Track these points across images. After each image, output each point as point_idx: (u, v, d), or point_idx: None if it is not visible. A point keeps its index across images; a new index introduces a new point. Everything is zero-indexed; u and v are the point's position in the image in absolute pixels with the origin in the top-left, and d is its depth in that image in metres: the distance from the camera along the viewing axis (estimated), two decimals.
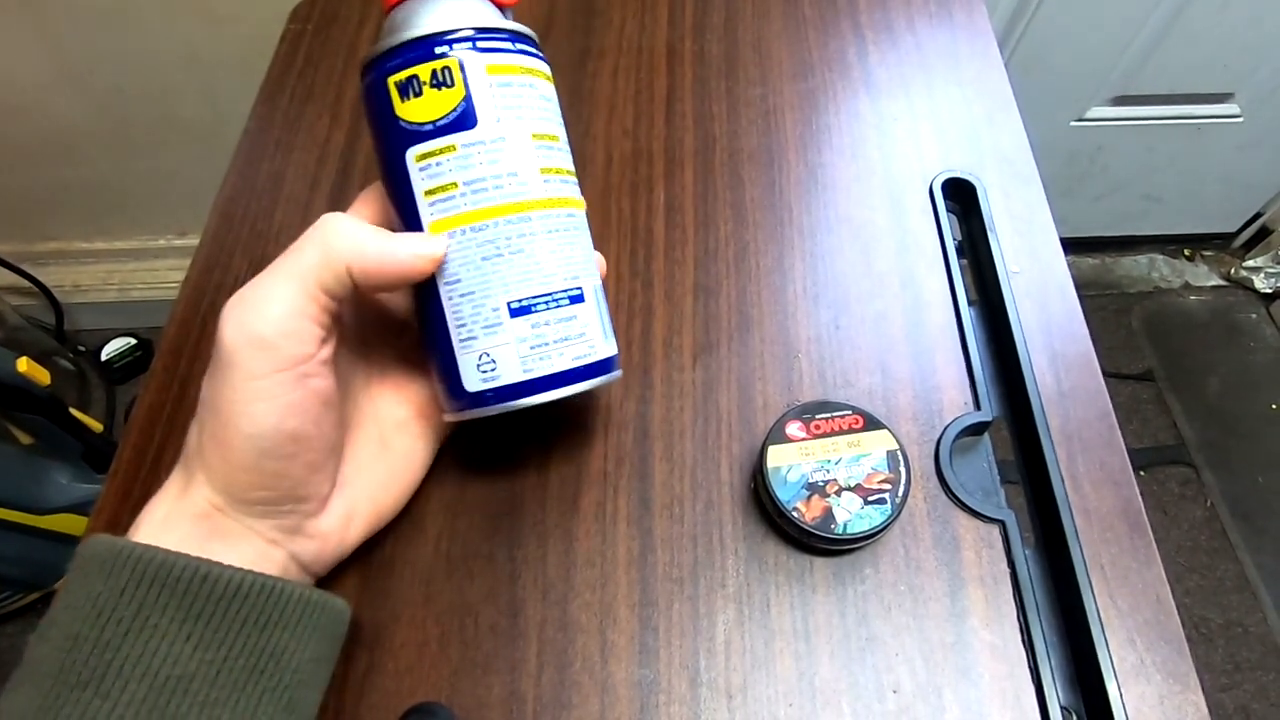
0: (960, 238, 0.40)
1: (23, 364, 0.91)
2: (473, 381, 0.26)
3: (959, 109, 0.43)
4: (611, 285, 0.37)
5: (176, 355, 0.35)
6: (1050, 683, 0.27)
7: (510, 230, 0.26)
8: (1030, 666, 0.28)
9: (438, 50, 0.25)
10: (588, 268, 0.28)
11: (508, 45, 0.26)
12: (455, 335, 0.26)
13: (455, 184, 0.25)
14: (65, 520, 0.95)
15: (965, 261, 0.39)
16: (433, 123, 0.25)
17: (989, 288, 0.37)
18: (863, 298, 0.37)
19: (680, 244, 0.38)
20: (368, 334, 0.29)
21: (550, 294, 0.26)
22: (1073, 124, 1.18)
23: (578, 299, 0.27)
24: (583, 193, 0.29)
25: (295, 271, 0.24)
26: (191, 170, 1.06)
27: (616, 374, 0.29)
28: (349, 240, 0.24)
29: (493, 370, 0.26)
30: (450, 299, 0.26)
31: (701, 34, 0.46)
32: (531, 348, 0.26)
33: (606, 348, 0.28)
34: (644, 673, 0.28)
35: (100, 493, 0.32)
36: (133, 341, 1.27)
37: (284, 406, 0.23)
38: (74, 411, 0.95)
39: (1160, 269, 1.45)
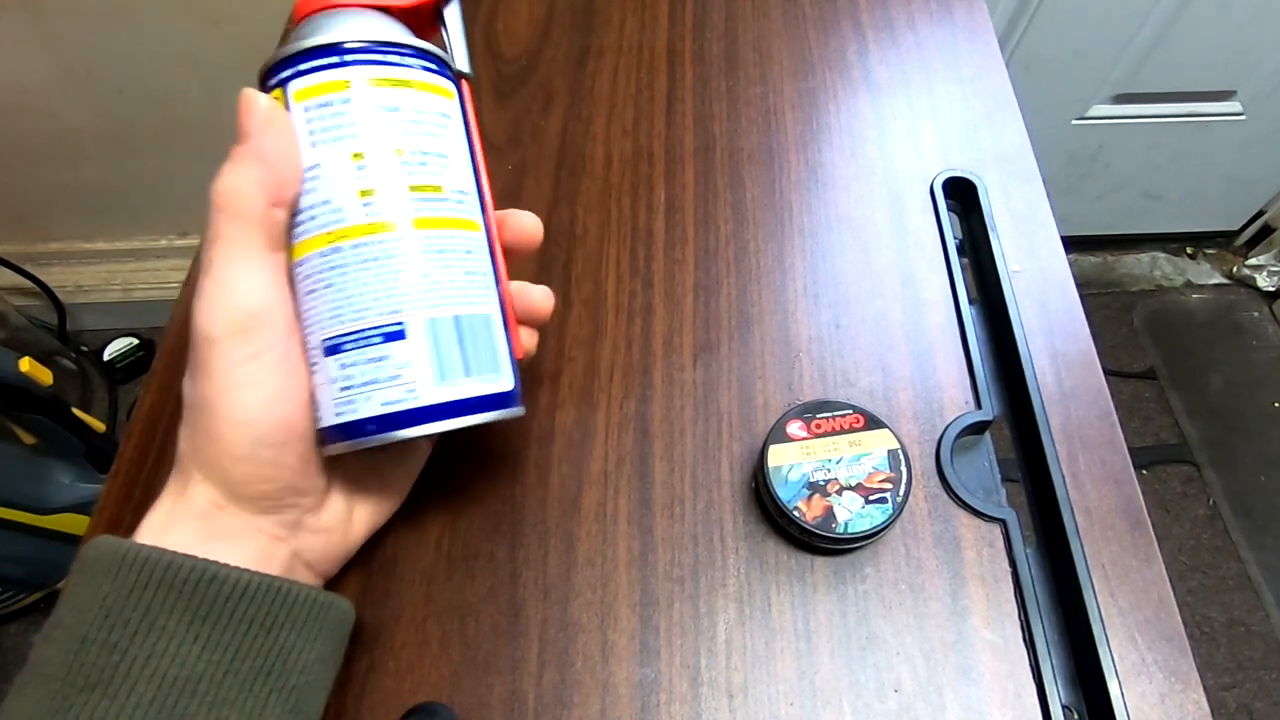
0: (961, 236, 0.40)
1: (25, 364, 0.91)
2: (314, 418, 0.25)
3: (959, 107, 0.43)
4: (611, 285, 0.37)
5: (178, 355, 0.35)
6: (1051, 681, 0.27)
7: (322, 263, 0.24)
8: (1031, 665, 0.28)
9: (271, 83, 0.24)
10: (427, 297, 0.24)
11: (324, 62, 0.24)
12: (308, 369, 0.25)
13: (290, 219, 0.24)
14: (68, 520, 0.96)
15: (966, 260, 0.39)
16: None
17: (990, 286, 0.37)
18: (863, 297, 0.37)
19: (680, 243, 0.38)
20: None
21: (359, 331, 0.24)
22: (1074, 122, 1.18)
23: (395, 336, 0.24)
24: (582, 192, 0.29)
25: (236, 250, 0.23)
26: (192, 170, 1.06)
27: (446, 422, 0.24)
28: (245, 187, 0.23)
29: (317, 410, 0.25)
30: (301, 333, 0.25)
31: (701, 33, 0.46)
32: (341, 389, 0.24)
33: (439, 392, 0.24)
34: (645, 672, 0.28)
35: (102, 493, 0.32)
36: (135, 342, 1.27)
37: (272, 391, 0.23)
38: (76, 411, 0.96)
39: (1162, 267, 1.44)
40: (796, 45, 0.46)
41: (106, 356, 1.25)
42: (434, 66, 0.26)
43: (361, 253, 0.24)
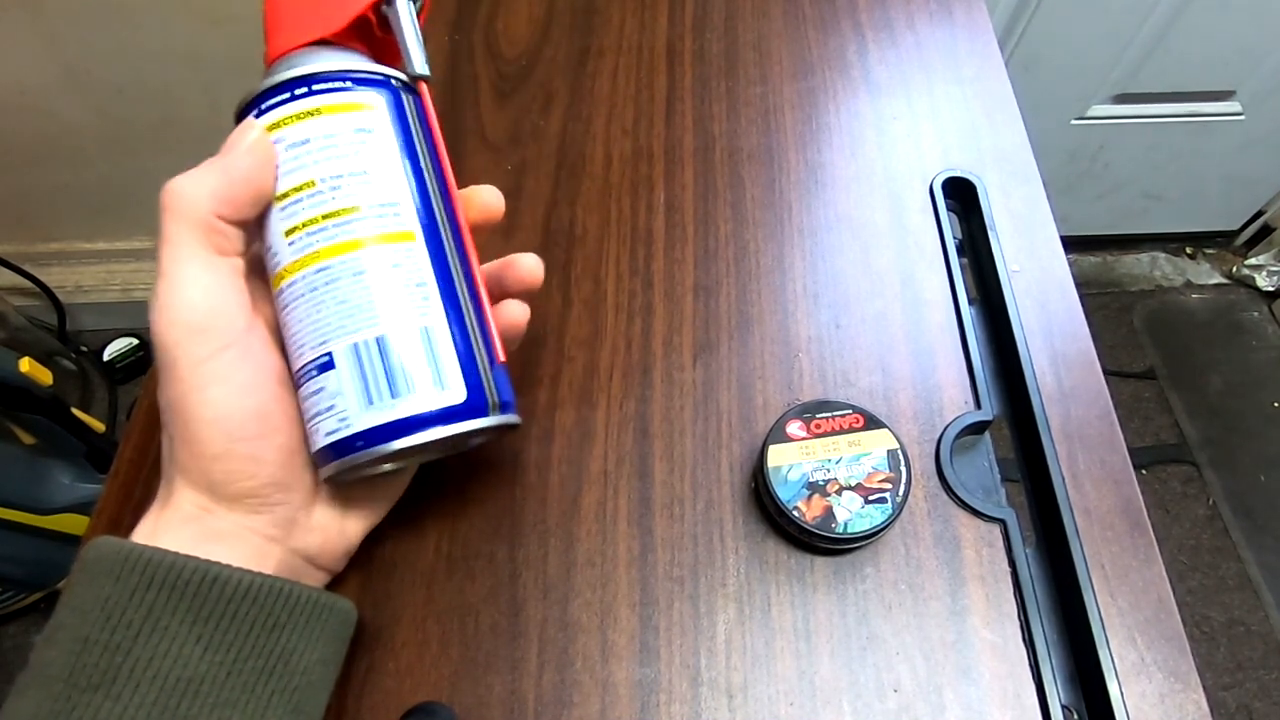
0: (960, 236, 0.40)
1: (25, 364, 0.91)
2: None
3: (959, 107, 0.43)
4: (611, 285, 0.37)
5: None
6: (1051, 681, 0.27)
7: (277, 305, 0.25)
8: (1031, 665, 0.28)
9: None
10: (348, 324, 0.24)
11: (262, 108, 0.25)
12: None
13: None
14: (68, 520, 0.96)
15: (965, 260, 0.39)
16: None
17: (989, 286, 0.37)
18: (863, 297, 0.37)
19: (680, 243, 0.38)
20: None
21: (303, 366, 0.24)
22: (1074, 122, 1.18)
23: (325, 367, 0.24)
24: (582, 192, 0.28)
25: (182, 253, 0.23)
26: None
27: (382, 448, 0.24)
28: (195, 191, 0.23)
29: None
30: None
31: (701, 33, 0.46)
32: (307, 421, 0.25)
33: (368, 417, 0.24)
34: (645, 672, 0.28)
35: (102, 493, 0.32)
36: (135, 342, 1.27)
37: (239, 386, 0.23)
38: (76, 411, 0.96)
39: (1162, 267, 1.44)
40: (796, 45, 0.46)
41: (106, 357, 1.26)
42: (342, 85, 0.25)
43: (295, 289, 0.24)
